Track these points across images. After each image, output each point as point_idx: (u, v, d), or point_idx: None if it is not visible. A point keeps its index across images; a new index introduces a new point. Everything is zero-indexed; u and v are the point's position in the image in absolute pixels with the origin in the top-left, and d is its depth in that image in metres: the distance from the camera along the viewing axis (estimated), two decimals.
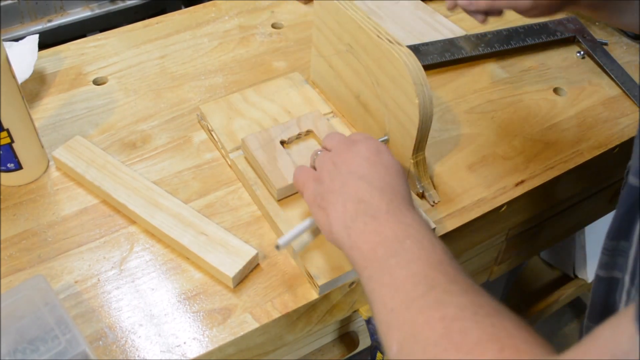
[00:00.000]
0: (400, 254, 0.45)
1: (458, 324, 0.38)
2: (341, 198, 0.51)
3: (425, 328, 0.39)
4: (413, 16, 0.90)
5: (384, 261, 0.45)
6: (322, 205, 0.53)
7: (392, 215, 0.48)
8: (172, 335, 0.55)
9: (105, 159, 0.67)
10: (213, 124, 0.70)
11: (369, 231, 0.48)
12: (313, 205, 0.54)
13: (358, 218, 0.49)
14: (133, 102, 0.77)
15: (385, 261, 0.45)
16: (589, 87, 0.83)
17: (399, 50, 0.61)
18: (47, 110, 0.75)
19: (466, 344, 0.37)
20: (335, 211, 0.51)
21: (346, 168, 0.53)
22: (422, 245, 0.45)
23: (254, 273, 0.59)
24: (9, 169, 0.64)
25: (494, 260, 0.83)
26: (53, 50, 0.83)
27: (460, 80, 0.82)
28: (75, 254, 0.60)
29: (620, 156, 0.78)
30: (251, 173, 0.66)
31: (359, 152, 0.54)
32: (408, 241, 0.46)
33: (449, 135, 0.74)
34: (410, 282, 0.43)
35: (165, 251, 0.61)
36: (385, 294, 0.44)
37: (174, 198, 0.63)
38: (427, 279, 0.42)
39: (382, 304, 0.43)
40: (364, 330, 0.72)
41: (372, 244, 0.47)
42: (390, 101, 0.64)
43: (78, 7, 1.00)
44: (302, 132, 0.68)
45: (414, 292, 0.42)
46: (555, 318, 1.62)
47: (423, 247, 0.45)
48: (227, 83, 0.80)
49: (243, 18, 0.90)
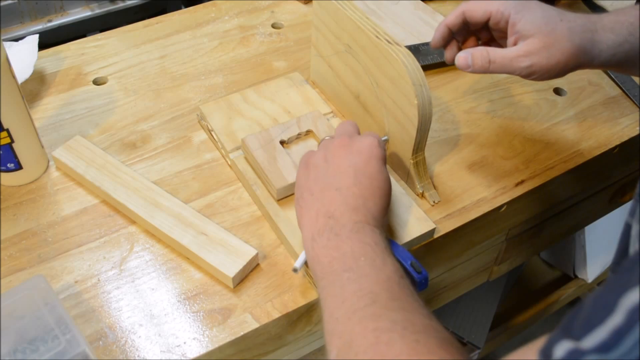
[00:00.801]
0: (354, 269, 0.48)
1: (387, 335, 0.42)
2: (315, 206, 0.54)
3: (359, 337, 0.43)
4: (413, 16, 0.90)
5: (337, 274, 0.49)
6: (300, 202, 0.55)
7: (355, 234, 0.51)
8: (172, 335, 0.55)
9: (105, 159, 0.67)
10: (213, 124, 0.70)
11: (330, 246, 0.51)
12: (296, 195, 0.57)
13: (324, 234, 0.52)
14: (133, 102, 0.77)
15: (339, 275, 0.49)
16: (589, 87, 0.83)
17: (397, 51, 0.61)
18: (47, 110, 0.75)
19: (389, 355, 0.41)
20: (308, 216, 0.54)
21: (332, 170, 0.55)
22: (375, 263, 0.49)
23: (254, 273, 0.59)
24: (9, 169, 0.64)
25: (494, 260, 0.83)
26: (53, 50, 0.83)
27: (460, 80, 0.82)
28: (75, 254, 0.60)
29: (620, 156, 0.78)
30: (251, 173, 0.66)
31: (350, 156, 0.55)
32: (362, 259, 0.49)
33: (449, 136, 0.74)
34: (356, 296, 0.46)
35: (165, 251, 0.61)
36: (333, 304, 0.47)
37: (174, 198, 0.63)
38: (371, 294, 0.46)
39: (329, 314, 0.47)
40: None
41: (330, 258, 0.50)
42: (389, 101, 0.64)
43: (78, 7, 1.00)
44: (302, 132, 0.69)
45: (357, 304, 0.46)
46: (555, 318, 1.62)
47: (375, 265, 0.48)
48: (227, 83, 0.80)
49: (243, 18, 0.90)
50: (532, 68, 0.59)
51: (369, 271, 0.48)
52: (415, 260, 0.54)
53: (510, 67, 0.59)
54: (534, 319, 1.42)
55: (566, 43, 0.58)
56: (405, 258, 0.54)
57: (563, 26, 0.59)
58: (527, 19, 0.59)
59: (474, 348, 1.27)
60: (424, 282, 0.53)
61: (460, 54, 0.62)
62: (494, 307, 1.30)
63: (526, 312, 1.41)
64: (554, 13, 0.60)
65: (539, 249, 0.92)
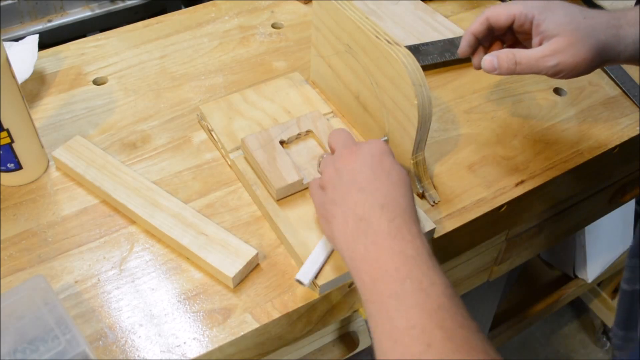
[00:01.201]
0: (400, 296, 0.46)
1: None
2: (341, 210, 0.51)
3: None
4: (413, 16, 0.90)
5: (383, 301, 0.46)
6: (326, 216, 0.53)
7: (393, 240, 0.48)
8: (172, 335, 0.55)
9: (105, 159, 0.67)
10: (213, 124, 0.70)
11: (370, 259, 0.48)
12: (319, 215, 0.55)
13: (359, 240, 0.49)
14: (133, 102, 0.77)
15: (385, 301, 0.46)
16: (589, 87, 0.83)
17: (397, 51, 0.61)
18: (47, 110, 0.75)
19: None
20: (337, 225, 0.51)
21: (348, 176, 0.53)
22: (422, 287, 0.46)
23: (254, 273, 0.60)
24: (9, 169, 0.64)
25: (494, 260, 0.83)
26: (53, 50, 0.83)
27: (460, 80, 0.82)
28: (75, 254, 0.60)
29: (620, 156, 0.78)
30: (251, 173, 0.66)
31: (361, 158, 0.54)
32: (408, 281, 0.46)
33: (449, 135, 0.74)
34: (408, 336, 0.44)
35: (165, 251, 0.61)
36: (385, 343, 0.45)
37: (174, 198, 0.63)
38: (424, 334, 0.43)
39: (383, 353, 0.45)
40: (364, 330, 0.73)
41: (373, 277, 0.47)
42: (389, 101, 0.64)
43: (78, 7, 1.00)
44: (302, 132, 0.69)
45: (411, 349, 0.43)
46: (555, 318, 1.62)
47: (422, 288, 0.46)
48: (227, 83, 0.80)
49: (243, 18, 0.90)
50: (559, 67, 0.59)
51: (417, 299, 0.45)
52: None
53: (537, 67, 0.60)
54: (534, 319, 1.42)
55: (591, 40, 0.59)
56: None
57: (586, 23, 0.59)
58: (550, 19, 0.60)
59: None
60: None
61: (486, 57, 0.62)
62: (494, 307, 1.30)
63: (526, 312, 1.41)
64: (577, 11, 0.61)
65: (539, 249, 0.92)
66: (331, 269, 0.58)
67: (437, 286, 0.46)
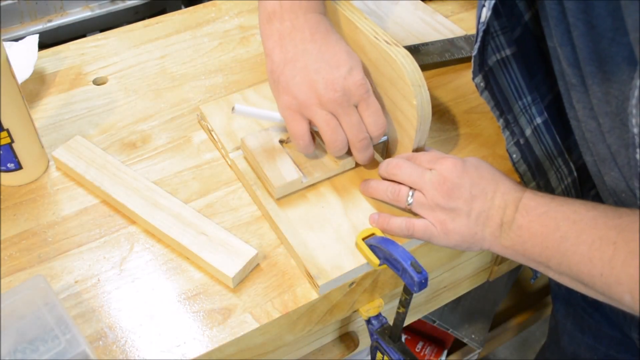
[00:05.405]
0: (567, 235, 0.52)
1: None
2: None
3: (623, 270, 0.48)
4: (413, 16, 0.90)
5: (561, 250, 0.52)
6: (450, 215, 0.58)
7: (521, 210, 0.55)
8: (172, 335, 0.55)
9: (105, 159, 0.67)
10: (213, 124, 0.70)
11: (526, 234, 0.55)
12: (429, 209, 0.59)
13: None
14: (133, 102, 0.77)
15: (563, 250, 0.52)
16: None
17: (396, 52, 0.61)
18: (47, 110, 0.75)
19: None
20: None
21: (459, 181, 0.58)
22: (567, 215, 0.53)
23: (254, 273, 0.60)
24: (9, 169, 0.64)
25: (494, 260, 0.83)
26: (53, 50, 0.83)
27: (460, 80, 0.82)
28: (75, 254, 0.60)
29: None
30: (251, 173, 0.66)
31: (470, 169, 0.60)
32: (563, 224, 0.52)
33: (449, 135, 0.74)
34: (595, 250, 0.50)
35: (165, 251, 0.61)
36: (583, 271, 0.51)
37: (174, 198, 0.63)
38: (602, 240, 0.49)
39: (590, 276, 0.50)
40: (364, 330, 0.73)
41: (537, 247, 0.54)
42: (388, 102, 0.64)
43: (78, 7, 1.00)
44: None
45: (604, 255, 0.49)
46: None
47: (567, 217, 0.52)
48: (227, 83, 0.80)
49: (243, 18, 0.90)
50: None
51: (573, 227, 0.52)
52: (415, 260, 0.54)
53: None
54: (533, 319, 1.42)
55: None
56: (405, 258, 0.54)
57: None
58: None
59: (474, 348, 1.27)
60: (424, 282, 0.53)
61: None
62: (494, 307, 1.30)
63: (526, 312, 1.41)
64: None
65: None
66: (331, 269, 0.58)
67: (570, 203, 0.53)
